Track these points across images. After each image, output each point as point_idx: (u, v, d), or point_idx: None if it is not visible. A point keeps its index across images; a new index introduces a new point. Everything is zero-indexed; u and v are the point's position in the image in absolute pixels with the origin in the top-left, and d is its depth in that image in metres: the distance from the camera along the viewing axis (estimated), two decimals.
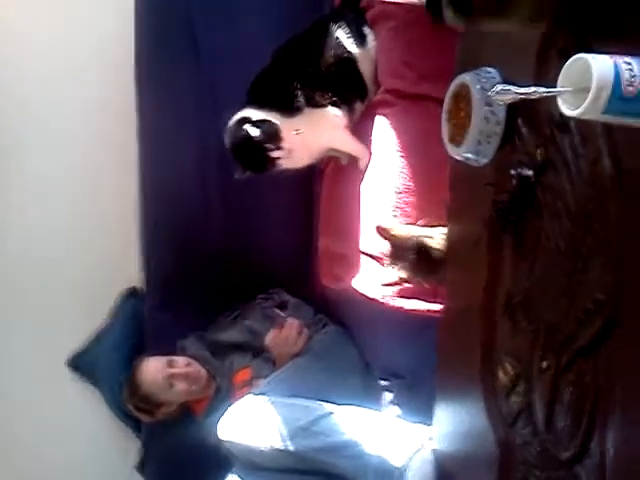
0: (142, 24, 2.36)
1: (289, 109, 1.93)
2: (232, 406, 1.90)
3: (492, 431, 1.25)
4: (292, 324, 2.16)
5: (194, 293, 2.41)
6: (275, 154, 1.89)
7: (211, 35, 2.29)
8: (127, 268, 2.52)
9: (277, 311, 2.26)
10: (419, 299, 1.82)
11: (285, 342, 2.14)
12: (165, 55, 2.33)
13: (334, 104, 1.96)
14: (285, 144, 1.89)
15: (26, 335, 2.49)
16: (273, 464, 1.82)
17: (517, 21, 1.19)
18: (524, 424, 1.16)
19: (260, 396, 1.90)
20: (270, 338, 2.16)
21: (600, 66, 0.82)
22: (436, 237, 1.60)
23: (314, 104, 1.95)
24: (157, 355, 2.24)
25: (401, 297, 1.85)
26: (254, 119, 1.91)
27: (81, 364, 2.54)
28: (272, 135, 1.88)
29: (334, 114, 1.97)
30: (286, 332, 2.15)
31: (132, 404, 2.23)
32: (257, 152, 1.89)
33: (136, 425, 2.47)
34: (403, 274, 1.64)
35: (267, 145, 1.87)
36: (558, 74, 0.89)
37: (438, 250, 1.58)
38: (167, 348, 2.31)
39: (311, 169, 2.17)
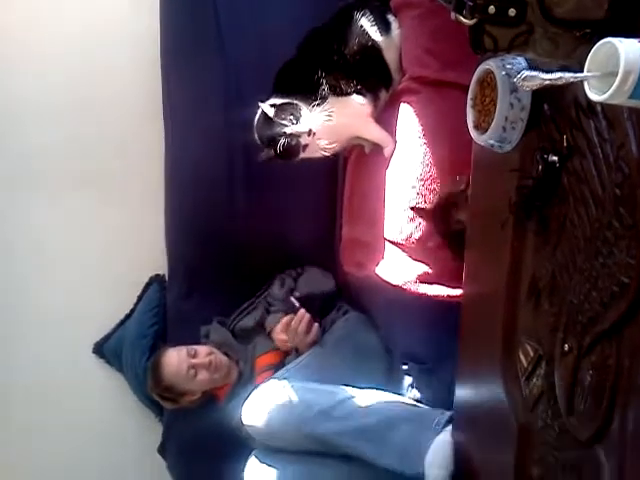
0: (168, 20, 2.37)
1: (314, 97, 1.93)
2: (255, 390, 1.92)
3: (512, 414, 1.26)
4: (301, 317, 2.15)
5: (217, 281, 2.43)
6: (293, 130, 1.87)
7: (237, 30, 2.30)
8: (152, 256, 2.55)
9: (292, 300, 2.26)
10: (442, 285, 1.83)
11: (295, 334, 2.13)
12: (191, 51, 2.34)
13: (359, 92, 1.96)
14: (307, 126, 1.89)
15: (53, 321, 2.53)
16: (294, 447, 1.85)
17: None
18: (545, 407, 1.17)
19: (283, 381, 1.92)
20: (280, 327, 2.16)
21: (628, 49, 0.82)
22: None
23: (339, 92, 1.94)
24: (180, 344, 2.25)
25: (424, 283, 1.86)
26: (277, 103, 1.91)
27: (106, 350, 2.58)
28: (289, 112, 1.88)
29: (359, 102, 1.97)
30: (295, 324, 2.13)
31: (156, 393, 2.25)
32: (276, 131, 1.89)
33: (158, 409, 2.50)
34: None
35: (284, 122, 1.87)
36: (585, 58, 0.88)
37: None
38: (190, 335, 2.33)
39: (334, 159, 2.18)
